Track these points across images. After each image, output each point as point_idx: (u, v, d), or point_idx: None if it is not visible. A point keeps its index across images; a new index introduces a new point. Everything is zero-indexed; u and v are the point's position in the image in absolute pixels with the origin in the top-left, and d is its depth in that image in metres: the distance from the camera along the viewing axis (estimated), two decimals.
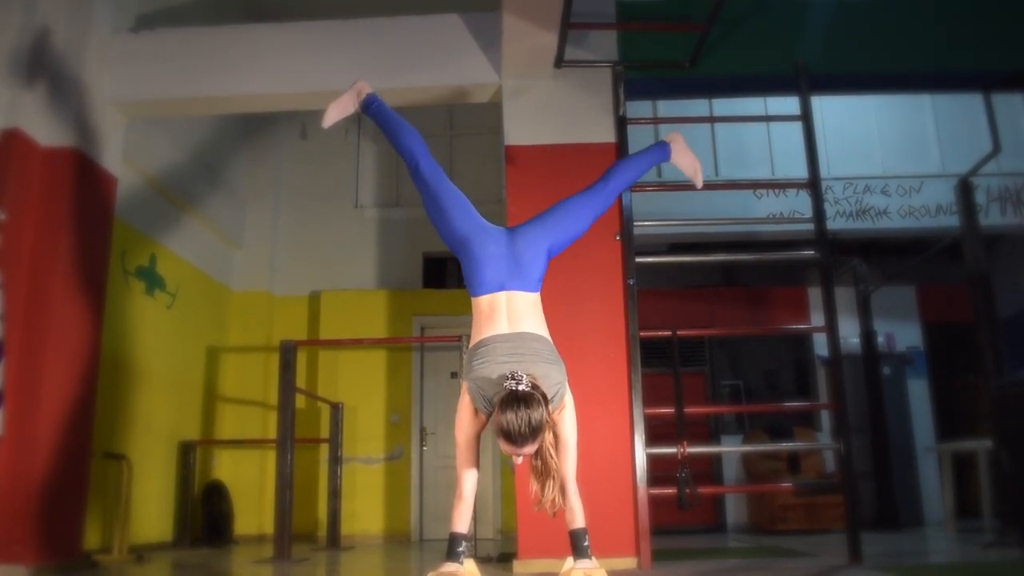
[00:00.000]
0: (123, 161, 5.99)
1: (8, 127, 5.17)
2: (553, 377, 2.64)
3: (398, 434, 8.70)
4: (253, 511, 8.34)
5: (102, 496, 6.09)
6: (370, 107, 3.34)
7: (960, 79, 6.22)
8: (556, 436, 2.71)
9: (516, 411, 2.45)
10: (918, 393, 8.79)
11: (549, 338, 2.77)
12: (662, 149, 3.38)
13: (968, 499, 7.84)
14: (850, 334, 8.32)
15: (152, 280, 7.23)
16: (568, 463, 2.70)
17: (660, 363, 7.17)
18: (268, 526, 7.66)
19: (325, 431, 7.87)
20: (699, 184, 3.51)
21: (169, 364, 7.50)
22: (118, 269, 6.53)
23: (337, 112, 3.44)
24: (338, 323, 8.74)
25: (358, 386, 8.66)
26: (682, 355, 5.86)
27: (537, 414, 2.47)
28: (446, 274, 9.27)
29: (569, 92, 5.43)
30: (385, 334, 8.81)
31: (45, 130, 5.31)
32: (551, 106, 5.41)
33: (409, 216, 9.24)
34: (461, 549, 2.66)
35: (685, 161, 3.44)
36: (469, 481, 2.73)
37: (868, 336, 8.41)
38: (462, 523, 2.70)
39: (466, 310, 2.95)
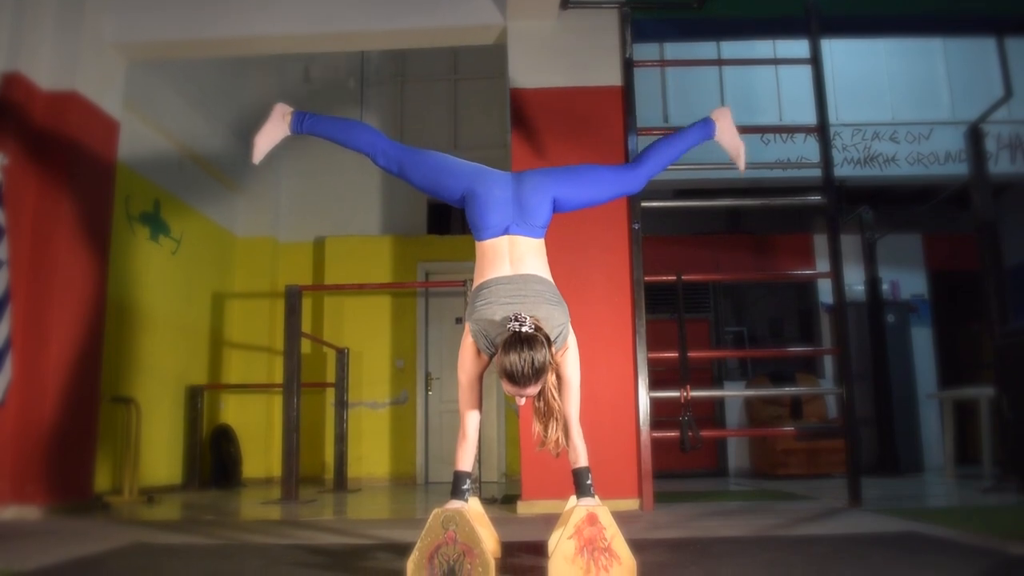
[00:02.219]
0: (125, 106, 5.94)
1: (8, 70, 5.13)
2: (556, 319, 2.64)
3: (403, 379, 8.77)
4: (261, 454, 8.45)
5: (112, 440, 6.17)
6: (303, 124, 3.11)
7: (973, 23, 6.11)
8: (559, 377, 2.72)
9: (519, 352, 2.46)
10: (921, 341, 8.81)
11: (552, 281, 2.77)
12: (706, 126, 3.16)
13: (968, 446, 7.91)
14: (855, 282, 8.31)
15: (156, 225, 7.23)
16: (571, 403, 2.72)
17: (664, 309, 7.18)
18: (275, 469, 7.78)
19: (331, 376, 7.93)
20: (741, 168, 3.25)
21: (175, 309, 7.53)
22: (122, 214, 6.52)
23: (266, 143, 3.18)
24: (343, 269, 8.76)
25: (363, 331, 8.71)
26: (686, 302, 5.86)
27: (540, 355, 2.47)
28: (451, 220, 9.26)
29: (575, 34, 5.36)
30: (390, 280, 8.83)
31: (45, 73, 5.26)
32: (557, 48, 5.35)
33: None
34: (466, 487, 2.69)
35: (730, 141, 3.19)
36: (472, 421, 2.75)
37: (873, 284, 8.40)
38: (466, 462, 2.72)
39: (470, 256, 2.94)
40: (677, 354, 5.17)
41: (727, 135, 3.18)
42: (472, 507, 2.75)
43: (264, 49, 6.23)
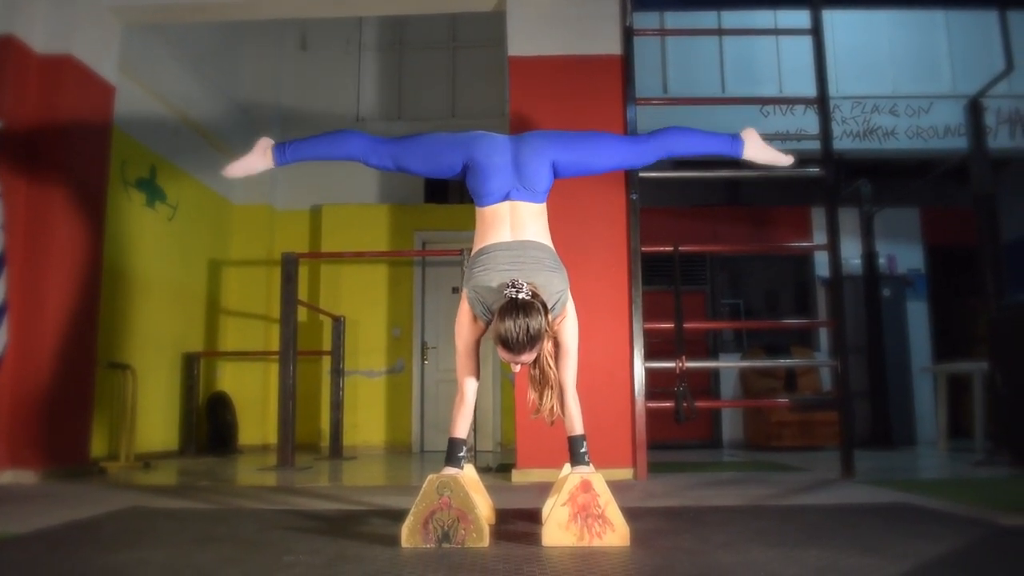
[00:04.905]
0: (121, 71, 5.88)
1: (2, 33, 5.07)
2: (555, 285, 2.64)
3: (399, 348, 8.78)
4: (257, 422, 8.48)
5: (108, 406, 6.18)
6: (285, 154, 3.03)
7: None
8: (557, 344, 2.72)
9: (515, 319, 2.46)
10: (917, 315, 8.84)
11: (552, 247, 2.76)
12: (733, 144, 3.01)
13: (961, 419, 7.95)
14: (852, 255, 8.31)
15: (153, 192, 7.19)
16: (568, 371, 2.72)
17: (661, 281, 7.18)
18: (272, 436, 7.82)
19: (327, 344, 7.93)
20: (788, 163, 3.12)
21: (171, 276, 7.52)
22: (118, 180, 6.48)
23: (240, 170, 3.06)
24: (339, 237, 8.73)
25: (360, 300, 8.70)
26: (683, 274, 5.85)
27: (536, 322, 2.47)
28: (448, 189, 9.22)
29: (575, 1, 5.30)
30: (387, 249, 8.82)
31: (40, 37, 5.21)
32: (556, 16, 5.29)
33: (412, 129, 9.09)
34: (461, 454, 2.70)
35: (764, 156, 3.06)
36: (469, 388, 2.76)
37: (870, 257, 8.41)
38: (462, 428, 2.73)
39: (468, 225, 2.93)
40: (673, 325, 5.18)
41: (760, 153, 3.05)
42: (467, 474, 2.77)
43: (261, 13, 6.17)
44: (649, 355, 4.97)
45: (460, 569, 2.11)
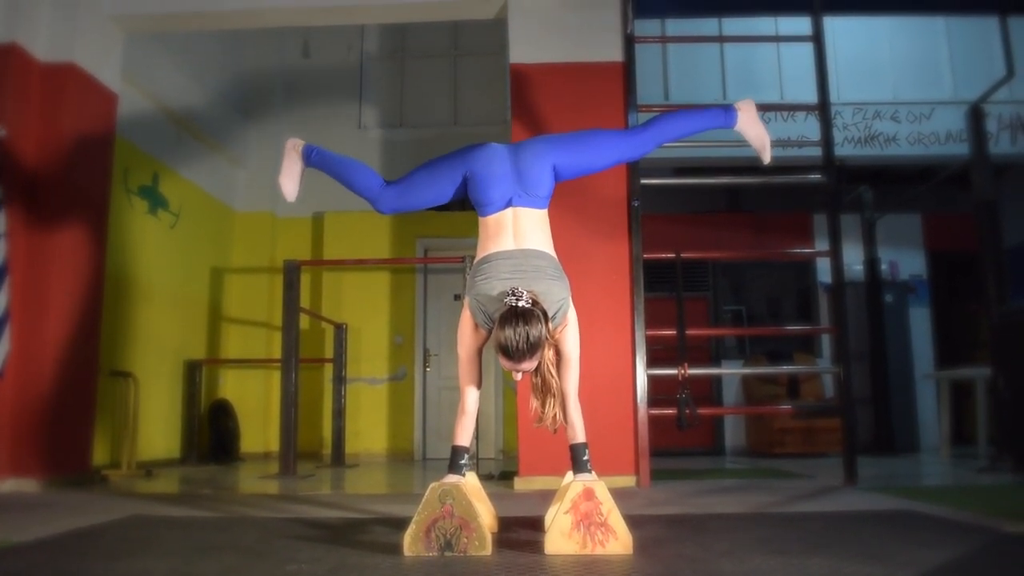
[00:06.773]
0: (124, 79, 5.90)
1: (5, 41, 5.08)
2: (556, 294, 2.64)
3: (401, 355, 8.78)
4: (259, 429, 8.47)
5: (110, 414, 6.18)
6: (311, 157, 3.12)
7: (976, 1, 6.07)
8: (559, 353, 2.72)
9: (515, 327, 2.46)
10: (919, 321, 8.83)
11: (554, 255, 2.76)
12: (727, 114, 3.00)
13: (964, 426, 7.94)
14: (854, 261, 8.31)
15: (155, 199, 7.20)
16: (570, 379, 2.71)
17: (663, 288, 7.18)
18: (274, 444, 7.81)
19: (329, 351, 7.93)
20: (766, 160, 3.10)
21: (174, 283, 7.53)
22: (120, 188, 6.50)
23: (291, 181, 3.16)
24: (342, 245, 8.73)
25: (362, 307, 8.71)
26: (685, 280, 5.86)
27: (536, 330, 2.47)
28: None
29: (577, 8, 5.30)
30: (389, 256, 8.82)
31: (43, 45, 5.23)
32: (558, 23, 5.30)
33: (413, 137, 9.14)
34: (463, 462, 2.70)
35: (753, 131, 3.02)
36: (471, 396, 2.75)
37: (872, 263, 8.41)
38: (464, 436, 2.73)
39: (469, 233, 2.93)
40: (675, 332, 5.18)
41: (751, 126, 3.02)
42: (469, 482, 2.77)
43: (263, 22, 6.18)
44: (651, 362, 4.96)
45: None
